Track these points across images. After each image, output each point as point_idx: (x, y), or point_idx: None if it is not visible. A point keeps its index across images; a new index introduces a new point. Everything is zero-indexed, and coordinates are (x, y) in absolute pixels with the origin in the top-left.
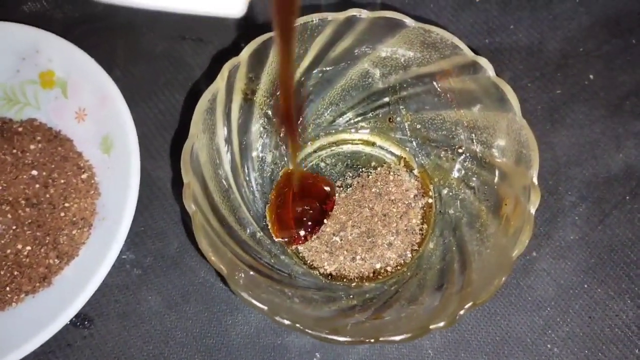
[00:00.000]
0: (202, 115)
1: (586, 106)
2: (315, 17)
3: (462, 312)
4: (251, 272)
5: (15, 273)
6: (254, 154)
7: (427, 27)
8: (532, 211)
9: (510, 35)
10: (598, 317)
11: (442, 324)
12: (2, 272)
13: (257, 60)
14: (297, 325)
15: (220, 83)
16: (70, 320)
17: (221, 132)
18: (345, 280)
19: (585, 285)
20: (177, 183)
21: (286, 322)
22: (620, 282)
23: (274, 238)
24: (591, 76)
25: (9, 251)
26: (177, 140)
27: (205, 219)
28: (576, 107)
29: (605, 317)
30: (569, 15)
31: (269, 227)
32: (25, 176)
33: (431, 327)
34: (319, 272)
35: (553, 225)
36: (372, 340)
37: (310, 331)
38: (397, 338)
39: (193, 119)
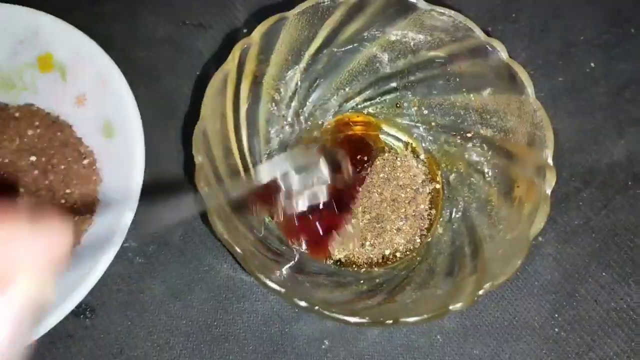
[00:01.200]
0: (213, 97)
1: (588, 94)
2: None
3: (481, 292)
4: (263, 256)
5: None
6: (262, 137)
7: (440, 9)
8: (548, 191)
9: (512, 22)
10: (603, 301)
11: (459, 305)
12: None
13: (267, 42)
14: (316, 307)
15: (231, 64)
16: (72, 310)
17: (230, 114)
18: (354, 266)
19: (591, 270)
20: (183, 168)
21: (303, 303)
22: (625, 266)
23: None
24: (592, 64)
25: None
26: (183, 124)
27: (216, 201)
28: (578, 95)
29: (611, 300)
30: (570, 4)
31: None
32: (23, 162)
33: (450, 307)
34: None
35: (558, 211)
36: (391, 322)
37: (328, 313)
38: (416, 319)
39: (204, 100)
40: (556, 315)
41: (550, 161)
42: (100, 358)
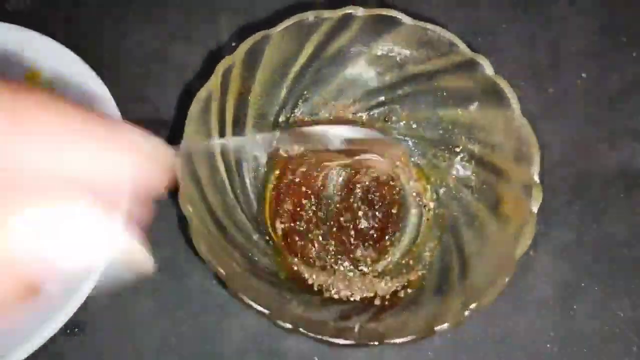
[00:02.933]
0: (196, 115)
1: (579, 105)
2: (310, 15)
3: (467, 312)
4: (249, 275)
5: None
6: (248, 154)
7: (424, 24)
8: (535, 209)
9: (502, 34)
10: (597, 316)
11: (446, 325)
12: None
13: (252, 59)
14: (300, 329)
15: (214, 82)
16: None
17: (215, 132)
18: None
19: (583, 284)
20: (170, 186)
21: (288, 325)
22: (617, 280)
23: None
24: (583, 75)
25: None
26: (170, 141)
27: (202, 222)
28: (569, 106)
29: (604, 315)
30: (559, 14)
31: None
32: None
33: (436, 328)
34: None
35: (549, 225)
36: (377, 343)
37: (313, 334)
38: (402, 340)
39: (187, 119)
40: (548, 331)
41: (536, 178)
42: None
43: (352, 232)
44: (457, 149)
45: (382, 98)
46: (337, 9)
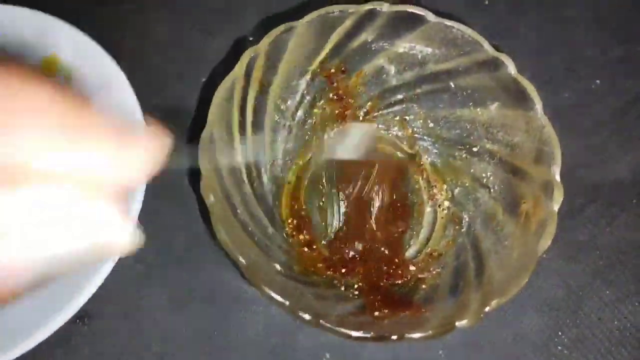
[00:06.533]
0: (220, 103)
1: (593, 111)
2: (336, 9)
3: (487, 309)
4: (267, 267)
5: None
6: (267, 145)
7: (449, 22)
8: (556, 208)
9: (518, 38)
10: (607, 319)
11: (465, 321)
12: None
13: (275, 51)
14: (320, 321)
15: (238, 72)
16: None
17: (236, 122)
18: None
19: (595, 287)
20: (188, 175)
21: (307, 317)
22: (629, 284)
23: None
24: (598, 81)
25: None
26: (188, 130)
27: (222, 211)
28: (584, 111)
29: (615, 319)
30: (576, 21)
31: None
32: None
33: (457, 324)
34: None
35: (562, 227)
36: (396, 337)
37: (331, 326)
38: (422, 335)
39: (211, 107)
40: (559, 333)
41: (557, 178)
42: None
43: (367, 230)
44: (475, 149)
45: (401, 96)
46: (362, 4)
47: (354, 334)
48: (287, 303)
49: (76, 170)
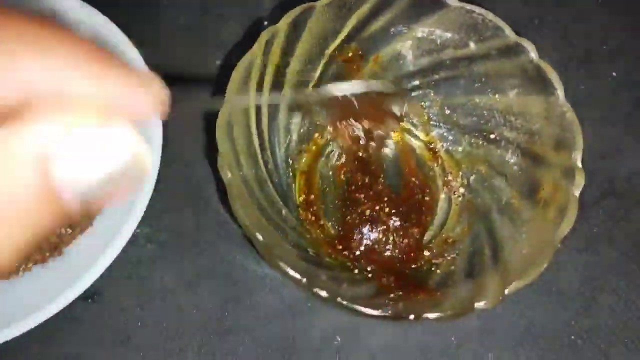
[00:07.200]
0: (237, 82)
1: (609, 103)
2: None
3: (506, 291)
4: (282, 246)
5: None
6: (282, 128)
7: (470, 7)
8: (577, 193)
9: (534, 29)
10: (620, 311)
11: (483, 302)
12: None
13: (293, 32)
14: (338, 298)
15: (257, 52)
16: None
17: (253, 103)
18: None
19: (609, 279)
20: (201, 156)
21: (324, 294)
22: None
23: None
24: (614, 73)
25: None
26: (204, 113)
27: (238, 189)
28: (599, 104)
29: (627, 310)
30: (592, 13)
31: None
32: None
33: (475, 305)
34: None
35: (577, 218)
36: (413, 317)
37: (349, 304)
38: (440, 315)
39: (229, 85)
40: (572, 323)
41: (579, 163)
42: (106, 343)
43: (381, 215)
44: (492, 136)
45: (417, 82)
46: None
47: (371, 312)
48: (304, 280)
49: (95, 97)
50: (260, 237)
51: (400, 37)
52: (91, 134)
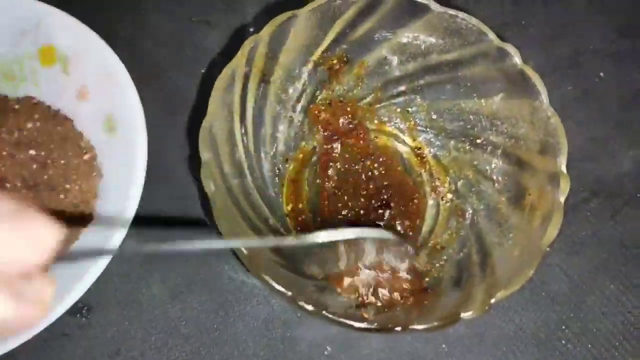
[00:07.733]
0: (220, 92)
1: (597, 103)
2: None
3: (492, 300)
4: (268, 258)
5: None
6: (267, 137)
7: (453, 12)
8: (562, 199)
9: (522, 30)
10: (610, 313)
11: (470, 313)
12: None
13: (276, 40)
14: (323, 311)
15: (240, 61)
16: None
17: (237, 111)
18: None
19: (598, 281)
20: (187, 165)
21: (310, 307)
22: (632, 277)
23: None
24: (602, 74)
25: None
26: (187, 121)
27: (222, 200)
28: (588, 104)
29: (618, 313)
30: (580, 13)
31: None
32: (22, 156)
33: (462, 315)
34: None
35: (565, 220)
36: (400, 329)
37: (335, 318)
38: (426, 326)
39: (212, 96)
40: (563, 327)
41: (564, 169)
42: (96, 358)
43: (370, 224)
44: (479, 141)
45: (403, 88)
46: None
47: (358, 325)
48: (290, 293)
49: None
50: (244, 251)
51: (385, 42)
52: None
